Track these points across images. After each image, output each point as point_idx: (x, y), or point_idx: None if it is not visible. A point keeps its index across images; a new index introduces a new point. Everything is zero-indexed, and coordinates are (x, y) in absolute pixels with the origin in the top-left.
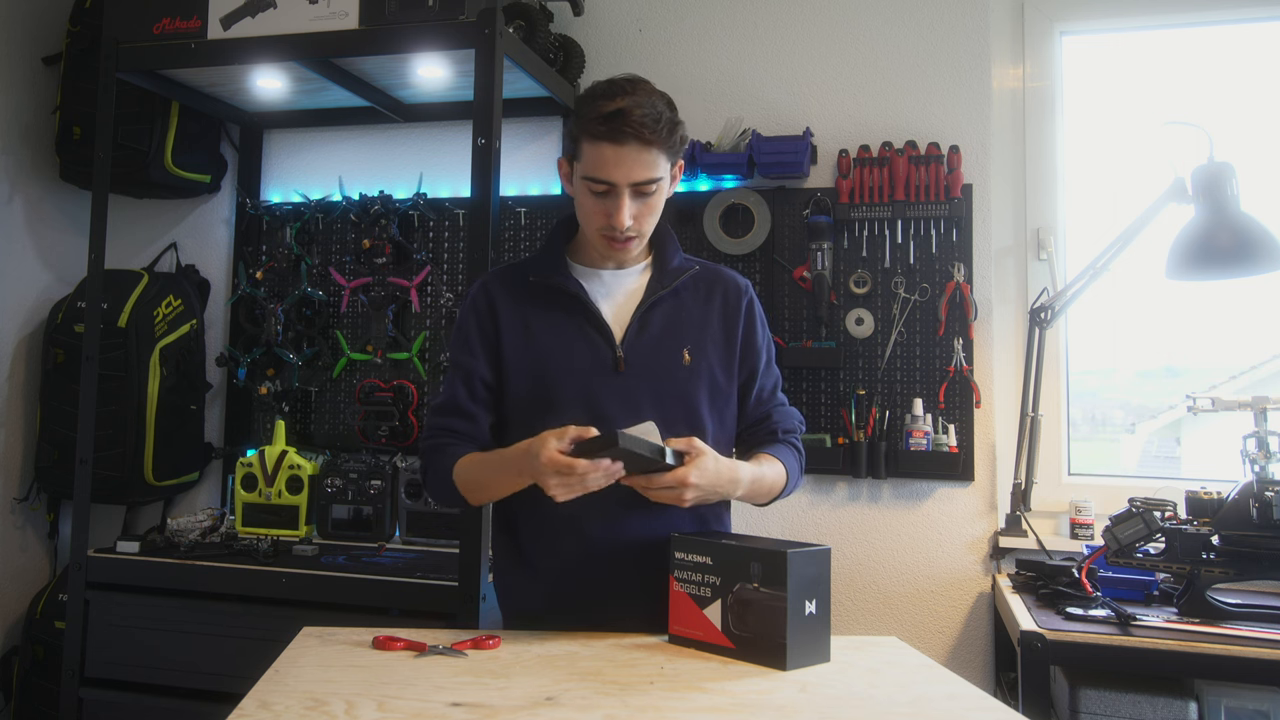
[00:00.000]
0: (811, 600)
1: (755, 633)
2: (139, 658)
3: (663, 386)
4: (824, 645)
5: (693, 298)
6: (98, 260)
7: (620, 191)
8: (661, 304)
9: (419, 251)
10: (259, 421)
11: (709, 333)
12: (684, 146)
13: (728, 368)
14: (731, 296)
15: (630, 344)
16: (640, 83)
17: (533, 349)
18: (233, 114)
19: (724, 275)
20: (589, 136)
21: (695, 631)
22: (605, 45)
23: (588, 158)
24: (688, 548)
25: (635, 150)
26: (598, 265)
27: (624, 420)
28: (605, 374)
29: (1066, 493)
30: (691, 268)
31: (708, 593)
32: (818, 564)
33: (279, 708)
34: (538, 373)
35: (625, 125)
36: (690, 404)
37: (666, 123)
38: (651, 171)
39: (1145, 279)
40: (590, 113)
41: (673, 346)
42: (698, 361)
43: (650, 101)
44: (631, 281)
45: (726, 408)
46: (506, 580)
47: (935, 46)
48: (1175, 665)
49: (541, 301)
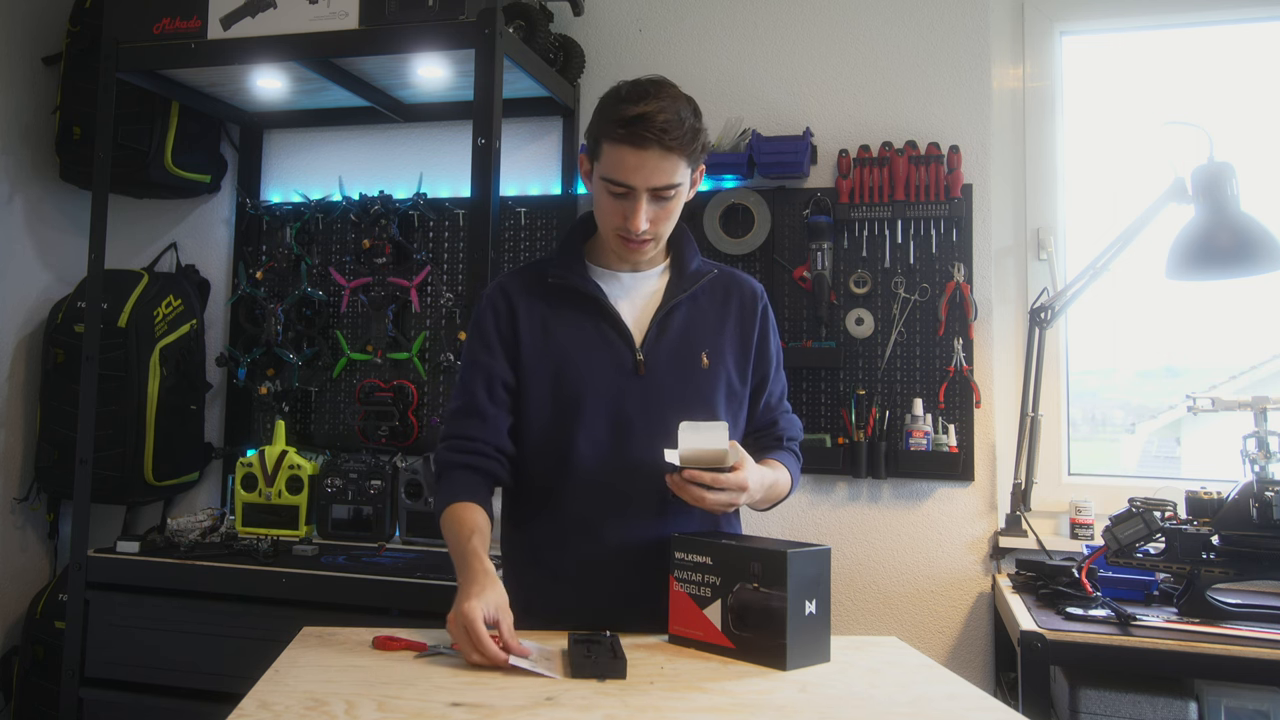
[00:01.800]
0: (811, 600)
1: (755, 633)
2: (139, 658)
3: (683, 389)
4: (824, 645)
5: (710, 301)
6: (98, 260)
7: (638, 195)
8: (680, 307)
9: (419, 251)
10: (259, 421)
11: (726, 337)
12: (705, 152)
13: (742, 372)
14: (748, 302)
15: (650, 347)
16: (666, 86)
17: (552, 351)
18: (233, 114)
19: (740, 280)
20: (610, 139)
21: (695, 631)
22: (605, 45)
23: (608, 159)
24: (688, 548)
25: (656, 156)
26: (615, 267)
27: (643, 422)
28: (626, 377)
29: (1066, 493)
30: (710, 271)
31: (708, 593)
32: (818, 564)
33: (279, 708)
34: (558, 375)
35: (647, 130)
36: (710, 407)
37: (690, 129)
38: (671, 177)
39: (1145, 279)
40: (613, 114)
41: (692, 350)
42: (715, 365)
43: (674, 107)
44: (650, 284)
45: (740, 411)
46: (519, 577)
47: (935, 46)
48: (1175, 665)
49: (560, 303)
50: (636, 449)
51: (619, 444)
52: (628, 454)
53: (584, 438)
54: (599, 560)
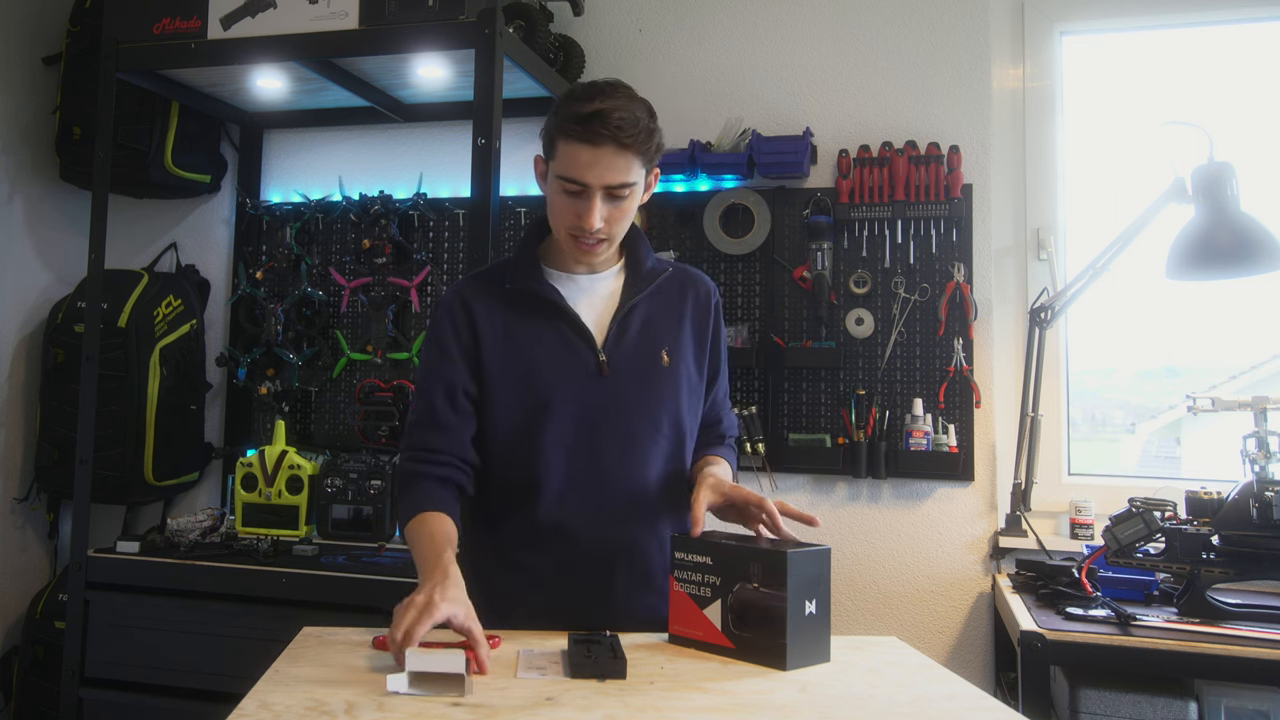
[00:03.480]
0: (812, 600)
1: (755, 633)
2: (139, 658)
3: (646, 389)
4: (824, 645)
5: (666, 299)
6: (98, 260)
7: (592, 193)
8: (639, 307)
9: (419, 251)
10: (259, 421)
11: (684, 333)
12: (660, 154)
13: (700, 367)
14: (702, 297)
15: (612, 348)
16: (621, 87)
17: (514, 357)
18: (233, 114)
19: (693, 276)
20: (565, 136)
21: (695, 631)
22: (605, 45)
23: (562, 157)
24: (688, 547)
25: (611, 153)
26: (571, 269)
27: (609, 423)
28: (590, 379)
29: (1066, 493)
30: (666, 270)
31: (708, 593)
32: (818, 564)
33: (279, 708)
34: (524, 380)
35: (602, 127)
36: (673, 405)
37: (644, 128)
38: (625, 175)
39: (1145, 279)
40: (568, 112)
41: (652, 349)
42: (675, 362)
43: (629, 106)
44: (607, 285)
45: (699, 406)
46: (488, 582)
47: (935, 46)
48: (1175, 665)
49: (519, 308)
50: (604, 450)
51: (586, 445)
52: (596, 455)
53: (551, 441)
54: (571, 561)
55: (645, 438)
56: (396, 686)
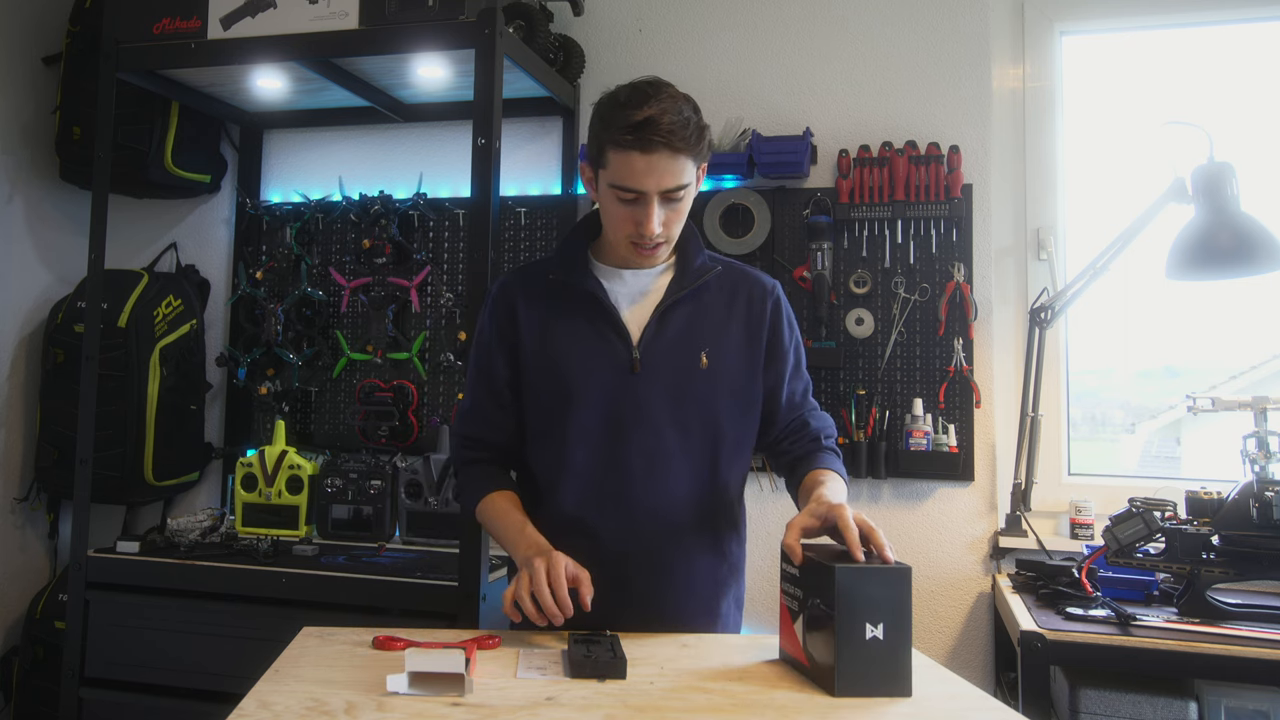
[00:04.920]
0: (877, 624)
1: (820, 652)
2: (139, 658)
3: (678, 389)
4: (898, 676)
5: (715, 299)
6: (98, 260)
7: (650, 199)
8: (681, 305)
9: (419, 251)
10: (259, 421)
11: (730, 335)
12: (710, 149)
13: (751, 371)
14: (756, 298)
15: (647, 345)
16: (664, 86)
17: (549, 348)
18: (233, 114)
19: (750, 276)
20: (616, 146)
21: (790, 646)
22: (605, 45)
23: (615, 166)
24: (787, 558)
25: (665, 158)
26: (620, 265)
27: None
28: (621, 375)
29: (1066, 493)
30: (714, 268)
31: (795, 606)
32: (887, 584)
33: (279, 708)
34: (554, 372)
35: (654, 134)
36: (707, 407)
37: (695, 128)
38: (680, 178)
39: (1145, 279)
40: (617, 121)
41: (690, 349)
42: (716, 364)
43: (677, 107)
44: (653, 281)
45: (748, 412)
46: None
47: (935, 46)
48: (1175, 665)
49: (560, 301)
50: (628, 446)
51: (612, 442)
52: (622, 452)
53: (576, 432)
54: (595, 558)
55: (671, 439)
56: (396, 686)
